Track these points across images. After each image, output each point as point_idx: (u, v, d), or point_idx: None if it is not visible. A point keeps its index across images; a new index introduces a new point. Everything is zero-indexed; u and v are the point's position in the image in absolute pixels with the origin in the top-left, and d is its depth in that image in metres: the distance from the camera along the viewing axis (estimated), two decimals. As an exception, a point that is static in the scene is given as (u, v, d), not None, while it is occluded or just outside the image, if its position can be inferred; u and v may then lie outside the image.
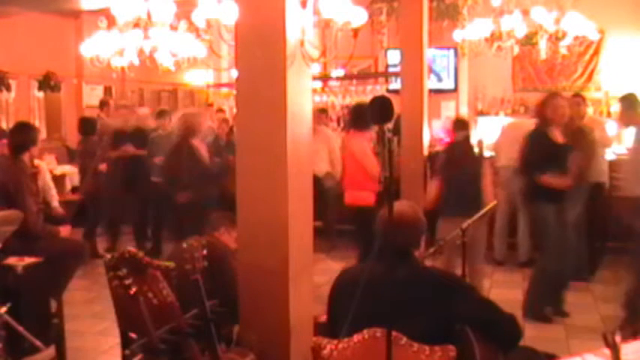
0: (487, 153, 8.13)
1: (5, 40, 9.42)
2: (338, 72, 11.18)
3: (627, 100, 5.61)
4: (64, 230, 5.21)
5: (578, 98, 6.67)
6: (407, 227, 2.60)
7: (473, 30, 7.29)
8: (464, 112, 10.44)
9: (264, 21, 3.22)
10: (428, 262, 3.65)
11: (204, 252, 2.92)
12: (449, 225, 4.56)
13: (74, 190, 8.98)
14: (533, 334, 4.45)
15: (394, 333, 2.24)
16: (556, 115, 5.13)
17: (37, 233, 4.78)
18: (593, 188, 6.04)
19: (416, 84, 7.08)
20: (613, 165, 6.74)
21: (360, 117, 5.79)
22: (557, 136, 5.12)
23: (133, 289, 2.89)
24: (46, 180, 6.36)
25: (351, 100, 10.89)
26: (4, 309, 3.74)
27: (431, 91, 7.84)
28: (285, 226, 3.24)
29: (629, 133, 5.59)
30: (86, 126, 7.91)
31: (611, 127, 7.30)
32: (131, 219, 7.82)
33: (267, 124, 3.26)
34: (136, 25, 6.10)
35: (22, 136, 5.07)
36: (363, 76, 11.49)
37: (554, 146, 5.07)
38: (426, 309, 2.46)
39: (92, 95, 11.25)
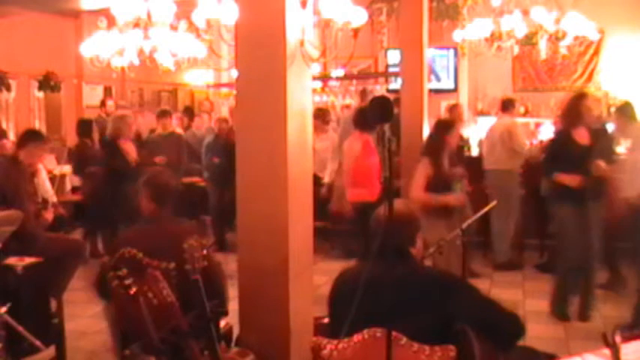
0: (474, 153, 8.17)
1: (5, 40, 9.42)
2: (338, 72, 11.19)
3: (622, 110, 5.71)
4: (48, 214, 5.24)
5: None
6: (401, 225, 2.59)
7: (473, 30, 7.29)
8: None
9: (264, 21, 3.23)
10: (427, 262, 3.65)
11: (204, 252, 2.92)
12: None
13: (74, 190, 8.98)
14: (533, 334, 4.45)
15: (394, 333, 2.24)
16: (589, 115, 5.13)
17: (36, 235, 4.78)
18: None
19: (416, 84, 7.08)
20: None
21: (361, 119, 5.83)
22: (582, 137, 5.10)
23: (133, 289, 2.89)
24: (43, 178, 6.37)
25: (351, 101, 10.92)
26: (4, 309, 3.74)
27: (431, 91, 7.85)
28: (285, 226, 3.24)
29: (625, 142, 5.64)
30: (83, 128, 7.93)
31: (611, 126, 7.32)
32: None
33: (268, 125, 3.27)
34: (136, 25, 6.10)
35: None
36: (363, 76, 11.51)
37: (576, 148, 5.06)
38: (425, 308, 2.46)
39: (92, 95, 11.25)
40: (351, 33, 3.42)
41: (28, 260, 4.31)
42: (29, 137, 5.23)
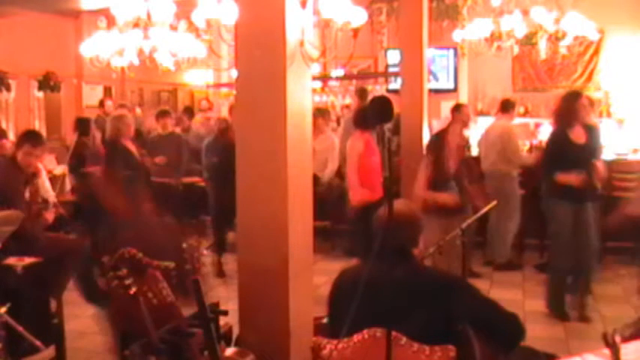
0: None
1: (5, 40, 9.42)
2: (338, 72, 11.19)
3: None
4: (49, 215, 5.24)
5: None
6: (404, 226, 2.60)
7: (473, 30, 7.29)
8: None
9: (264, 21, 3.22)
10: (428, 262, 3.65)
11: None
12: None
13: (74, 189, 8.98)
14: (533, 334, 4.44)
15: (394, 333, 2.24)
16: (585, 113, 5.17)
17: (35, 235, 4.78)
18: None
19: (416, 84, 7.08)
20: (613, 165, 6.76)
21: (360, 118, 5.83)
22: (579, 135, 5.11)
23: (133, 289, 2.89)
24: (43, 179, 6.36)
25: (350, 100, 10.92)
26: (4, 309, 3.74)
27: (431, 91, 7.85)
28: (285, 226, 3.24)
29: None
30: (81, 126, 7.93)
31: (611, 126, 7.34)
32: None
33: (267, 124, 3.26)
34: (136, 25, 6.10)
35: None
36: (363, 76, 11.51)
37: (573, 146, 5.07)
38: (425, 308, 2.46)
39: (92, 95, 11.26)
40: (350, 33, 3.41)
41: (28, 260, 4.30)
42: (25, 139, 5.23)
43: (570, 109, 5.12)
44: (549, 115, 9.24)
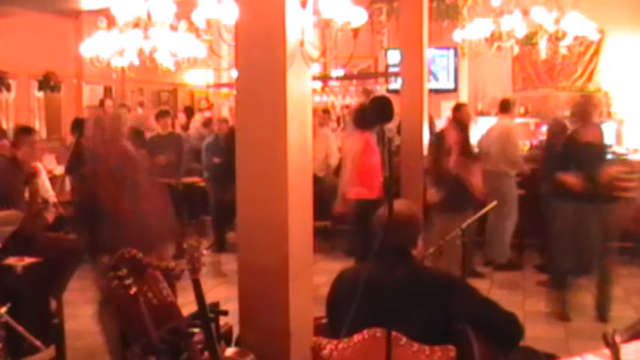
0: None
1: (5, 40, 9.41)
2: (338, 72, 11.19)
3: None
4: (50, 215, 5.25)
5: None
6: (403, 226, 2.59)
7: (473, 30, 7.29)
8: (463, 112, 10.44)
9: (264, 21, 3.22)
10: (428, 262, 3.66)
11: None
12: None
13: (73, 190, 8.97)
14: (533, 334, 4.45)
15: (394, 333, 2.24)
16: (598, 113, 5.21)
17: (34, 235, 4.78)
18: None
19: (416, 84, 7.07)
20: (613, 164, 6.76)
21: (360, 118, 5.84)
22: (590, 134, 5.11)
23: (133, 289, 2.89)
24: (43, 179, 6.36)
25: (351, 101, 10.93)
26: (4, 309, 3.74)
27: (431, 91, 7.85)
28: (285, 226, 3.23)
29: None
30: (79, 127, 7.91)
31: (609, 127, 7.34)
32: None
33: (267, 125, 3.26)
34: (136, 25, 6.10)
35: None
36: (363, 76, 11.51)
37: (579, 145, 5.08)
38: (425, 308, 2.46)
39: (92, 95, 11.25)
40: (351, 33, 3.41)
41: (28, 260, 4.31)
42: (23, 134, 5.24)
43: (582, 110, 5.15)
44: (549, 115, 9.27)
